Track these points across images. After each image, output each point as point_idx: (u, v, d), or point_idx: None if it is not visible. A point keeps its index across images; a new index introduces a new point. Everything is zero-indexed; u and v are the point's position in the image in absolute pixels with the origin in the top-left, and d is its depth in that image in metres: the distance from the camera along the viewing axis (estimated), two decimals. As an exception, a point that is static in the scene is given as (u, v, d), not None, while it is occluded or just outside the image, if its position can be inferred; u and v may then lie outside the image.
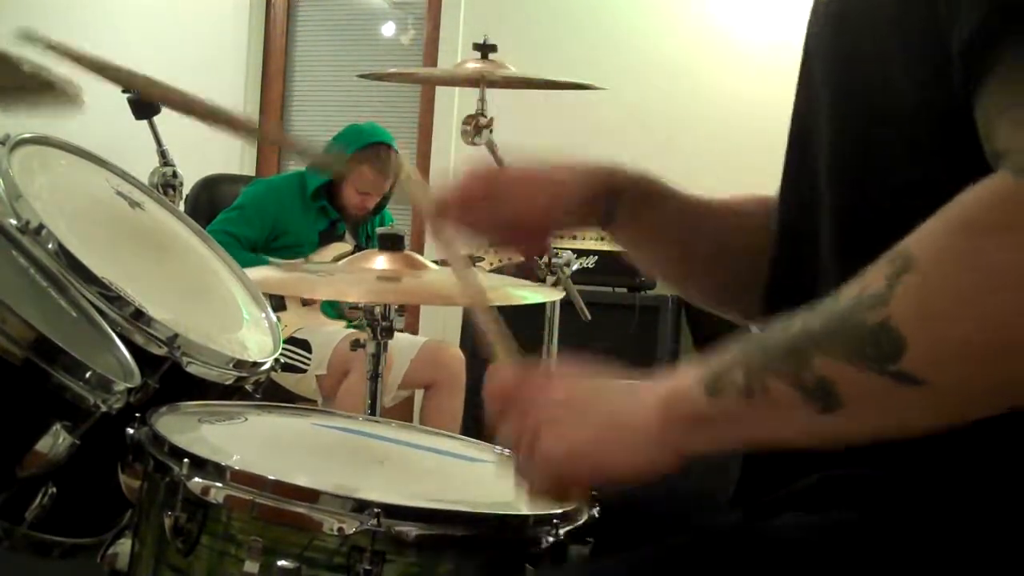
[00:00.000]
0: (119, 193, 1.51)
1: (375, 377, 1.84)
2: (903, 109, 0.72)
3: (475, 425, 3.07)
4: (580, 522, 0.97)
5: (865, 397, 0.64)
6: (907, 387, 0.61)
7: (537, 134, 3.93)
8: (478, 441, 1.26)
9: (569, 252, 2.48)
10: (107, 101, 2.28)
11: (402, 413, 3.36)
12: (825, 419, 0.65)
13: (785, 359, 0.66)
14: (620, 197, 0.96)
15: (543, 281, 2.42)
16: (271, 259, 3.21)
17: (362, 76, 3.09)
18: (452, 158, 4.23)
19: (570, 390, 0.80)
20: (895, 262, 0.62)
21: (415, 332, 4.07)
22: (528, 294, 1.66)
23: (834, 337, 0.64)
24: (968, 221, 0.60)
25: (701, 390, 0.70)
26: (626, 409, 0.75)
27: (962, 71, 0.65)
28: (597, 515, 0.99)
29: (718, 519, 0.86)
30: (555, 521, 0.94)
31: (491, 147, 2.33)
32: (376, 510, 0.89)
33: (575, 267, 2.51)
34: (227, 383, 1.31)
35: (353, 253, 2.38)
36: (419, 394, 3.37)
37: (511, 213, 0.95)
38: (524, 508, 0.99)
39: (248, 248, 3.18)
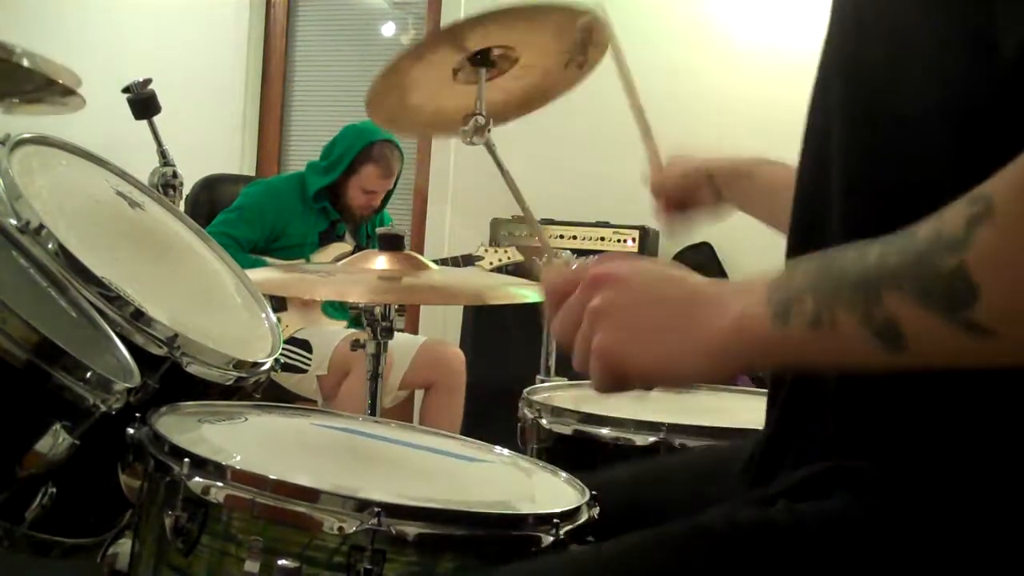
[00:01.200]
0: (119, 193, 1.51)
1: (375, 377, 1.84)
2: (917, 111, 0.72)
3: (475, 425, 3.07)
4: (580, 521, 0.97)
5: (931, 341, 0.63)
6: (974, 336, 0.61)
7: (537, 134, 3.94)
8: (478, 441, 1.26)
9: (569, 252, 2.48)
10: (107, 101, 2.29)
11: (402, 413, 3.36)
12: (888, 357, 0.65)
13: (855, 292, 0.65)
14: (715, 178, 1.28)
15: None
16: (271, 260, 3.21)
17: (362, 77, 3.09)
18: (452, 158, 4.23)
19: (640, 279, 0.79)
20: (975, 204, 0.61)
21: (415, 332, 4.07)
22: (528, 294, 1.66)
23: (907, 276, 0.63)
24: None
25: (770, 315, 0.70)
26: (693, 321, 0.75)
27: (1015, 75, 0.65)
28: (597, 515, 0.99)
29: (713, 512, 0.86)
30: (555, 520, 0.95)
31: (490, 147, 2.32)
32: (376, 509, 0.89)
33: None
34: (227, 383, 1.31)
35: (353, 253, 2.38)
36: (419, 394, 3.38)
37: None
38: (524, 508, 0.99)
39: (247, 249, 3.18)
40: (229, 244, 3.05)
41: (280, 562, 0.90)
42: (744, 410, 1.61)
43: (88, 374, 1.09)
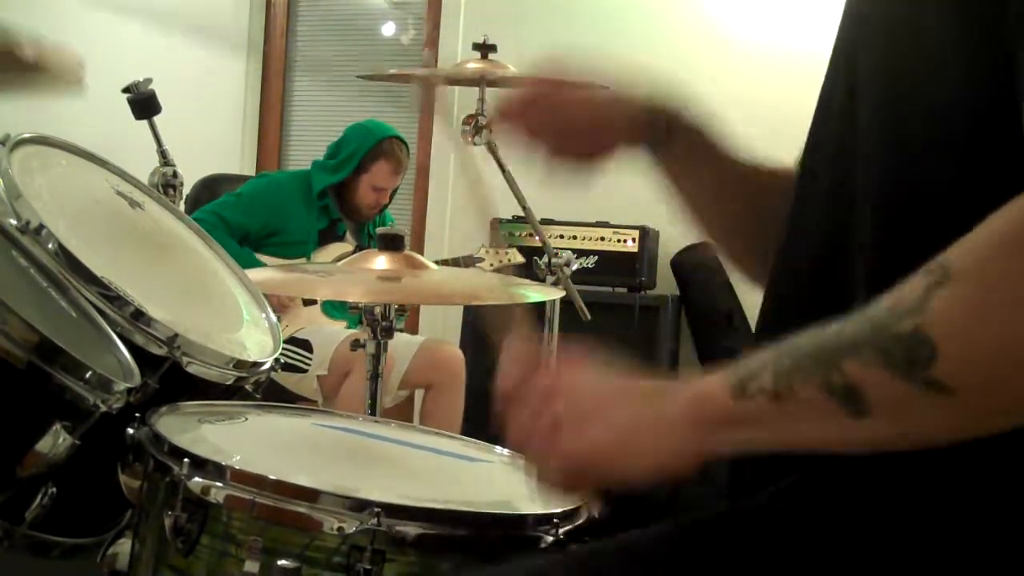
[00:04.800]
0: (119, 193, 1.51)
1: (375, 377, 1.84)
2: (940, 108, 0.72)
3: (475, 425, 3.07)
4: (580, 522, 0.97)
5: (893, 403, 0.64)
6: (936, 395, 0.61)
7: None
8: (478, 441, 1.26)
9: (569, 252, 2.48)
10: (107, 101, 2.29)
11: (402, 413, 3.36)
12: (852, 424, 0.65)
13: (815, 363, 0.66)
14: (671, 126, 1.00)
15: (543, 281, 2.42)
16: (268, 257, 3.21)
17: (362, 76, 3.09)
18: (452, 158, 4.23)
19: (594, 389, 0.79)
20: (933, 273, 0.62)
21: (415, 332, 4.07)
22: (528, 294, 1.66)
23: (866, 342, 0.64)
24: (1009, 235, 0.61)
25: (728, 392, 0.70)
26: (651, 410, 0.75)
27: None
28: (597, 515, 0.99)
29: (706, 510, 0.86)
30: (555, 521, 0.95)
31: (491, 147, 2.33)
32: (376, 509, 0.89)
33: (575, 267, 2.51)
34: (227, 383, 1.31)
35: (354, 253, 2.38)
36: (419, 394, 3.37)
37: (567, 119, 0.99)
38: (524, 508, 0.99)
39: (237, 237, 3.16)
40: (216, 224, 3.04)
41: (280, 562, 0.90)
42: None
43: (88, 374, 1.09)
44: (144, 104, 2.27)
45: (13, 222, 1.22)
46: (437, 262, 1.81)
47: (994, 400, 0.62)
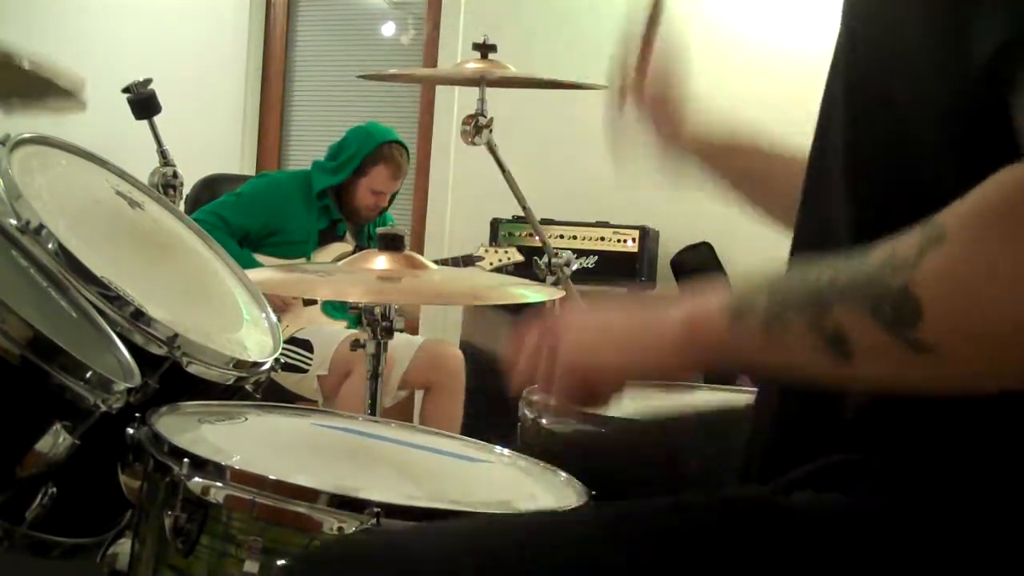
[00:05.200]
0: (119, 193, 1.51)
1: (375, 377, 1.84)
2: (923, 108, 0.73)
3: (475, 425, 3.07)
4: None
5: (876, 354, 0.66)
6: (916, 353, 0.64)
7: (537, 134, 3.94)
8: (478, 441, 1.25)
9: (569, 252, 2.48)
10: (107, 101, 2.29)
11: (402, 413, 3.36)
12: (836, 365, 0.68)
13: (808, 302, 0.69)
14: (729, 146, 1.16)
15: (543, 281, 2.42)
16: (267, 257, 3.21)
17: (362, 76, 3.09)
18: (452, 158, 4.23)
19: (591, 312, 0.85)
20: (928, 232, 0.64)
21: (415, 332, 4.07)
22: (528, 294, 1.66)
23: (857, 292, 0.66)
24: (1001, 202, 0.62)
25: (725, 314, 0.74)
26: (649, 323, 0.80)
27: (988, 77, 0.66)
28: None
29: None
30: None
31: (491, 147, 2.33)
32: (376, 510, 0.89)
33: (575, 267, 2.51)
34: (227, 383, 1.31)
35: (354, 253, 2.38)
36: (419, 394, 3.37)
37: (668, 98, 1.17)
38: (524, 508, 0.99)
39: (238, 237, 3.17)
40: (216, 224, 3.04)
41: (280, 562, 0.90)
42: (744, 410, 1.60)
43: (88, 374, 1.09)
44: (144, 104, 2.27)
45: (13, 222, 1.22)
46: (437, 262, 1.81)
47: (974, 364, 0.64)
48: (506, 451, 1.22)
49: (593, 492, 1.02)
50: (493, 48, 2.39)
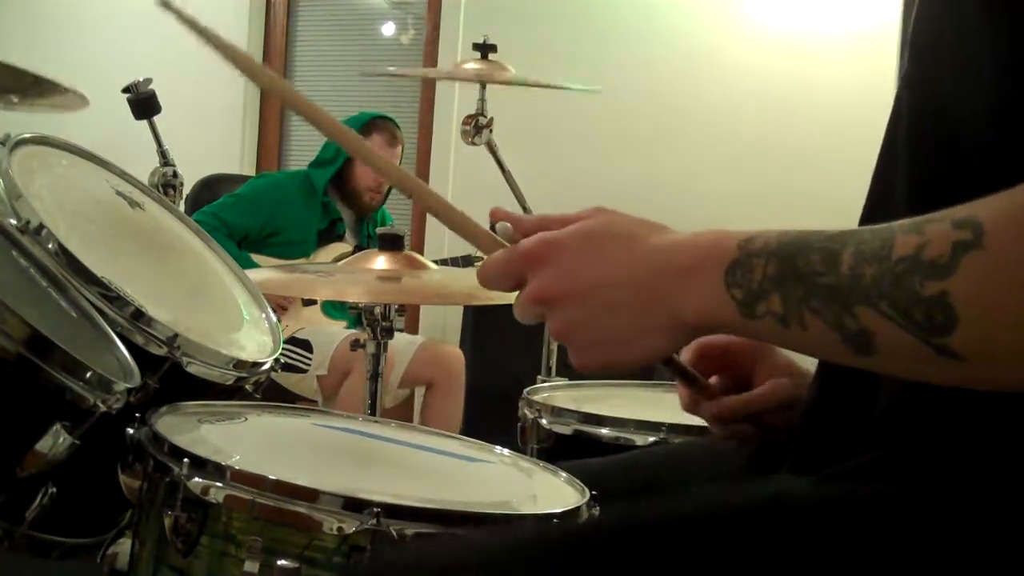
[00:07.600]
0: (119, 193, 1.51)
1: (375, 377, 1.84)
2: (985, 76, 0.70)
3: (475, 425, 3.07)
4: (580, 521, 0.97)
5: (902, 355, 0.63)
6: (946, 359, 0.61)
7: (537, 134, 3.94)
8: (478, 441, 1.25)
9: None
10: (107, 101, 2.29)
11: (402, 413, 3.36)
12: (857, 359, 0.66)
13: (828, 301, 0.65)
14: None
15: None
16: (267, 257, 3.21)
17: (364, 75, 3.09)
18: (452, 158, 4.23)
19: (584, 295, 0.78)
20: (964, 230, 0.60)
21: (415, 332, 4.07)
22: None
23: (885, 294, 0.62)
24: None
25: (735, 311, 0.70)
26: (649, 326, 0.75)
27: None
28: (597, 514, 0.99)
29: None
30: (555, 521, 0.94)
31: (491, 147, 2.33)
32: (376, 510, 0.89)
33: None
34: (227, 383, 1.31)
35: (353, 253, 2.38)
36: (419, 394, 3.38)
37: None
38: (524, 508, 0.99)
39: (237, 238, 3.17)
40: (217, 227, 3.05)
41: (279, 563, 0.90)
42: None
43: (88, 374, 1.09)
44: (144, 104, 2.27)
45: (13, 222, 1.22)
46: (437, 262, 1.81)
47: (1004, 374, 0.61)
48: (506, 451, 1.23)
49: (593, 492, 1.02)
50: (493, 48, 2.39)
